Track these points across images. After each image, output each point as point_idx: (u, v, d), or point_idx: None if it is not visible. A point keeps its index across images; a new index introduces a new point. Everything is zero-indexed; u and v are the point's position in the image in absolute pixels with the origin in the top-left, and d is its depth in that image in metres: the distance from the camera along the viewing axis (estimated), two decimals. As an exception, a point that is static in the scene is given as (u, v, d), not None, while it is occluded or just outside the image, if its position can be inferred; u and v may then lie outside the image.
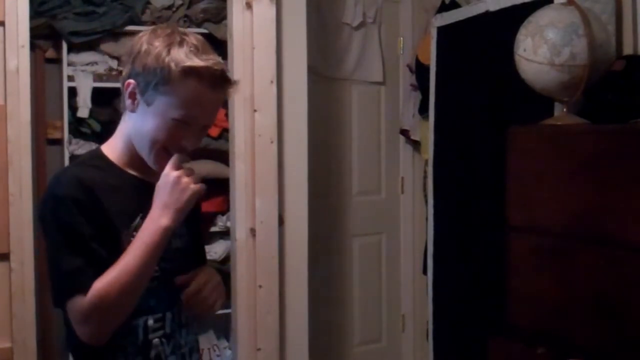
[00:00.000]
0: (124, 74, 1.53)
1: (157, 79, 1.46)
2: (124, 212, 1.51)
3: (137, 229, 1.49)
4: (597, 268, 2.03)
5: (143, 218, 1.50)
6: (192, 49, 1.47)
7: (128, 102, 1.52)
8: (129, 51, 1.52)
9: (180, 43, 1.47)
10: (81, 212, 1.43)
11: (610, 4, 2.44)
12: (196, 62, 1.45)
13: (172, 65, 1.44)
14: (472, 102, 3.13)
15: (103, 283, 1.41)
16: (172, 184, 1.46)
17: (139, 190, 1.55)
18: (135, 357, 1.53)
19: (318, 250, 3.50)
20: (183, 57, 1.45)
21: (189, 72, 1.44)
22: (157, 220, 1.45)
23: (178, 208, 1.46)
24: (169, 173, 1.47)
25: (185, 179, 1.46)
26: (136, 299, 1.45)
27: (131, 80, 1.50)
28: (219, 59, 1.52)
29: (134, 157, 1.56)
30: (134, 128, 1.53)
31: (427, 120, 3.50)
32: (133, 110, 1.52)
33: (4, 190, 2.76)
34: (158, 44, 1.47)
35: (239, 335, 3.06)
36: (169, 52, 1.45)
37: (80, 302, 1.41)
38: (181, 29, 1.54)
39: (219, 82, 1.49)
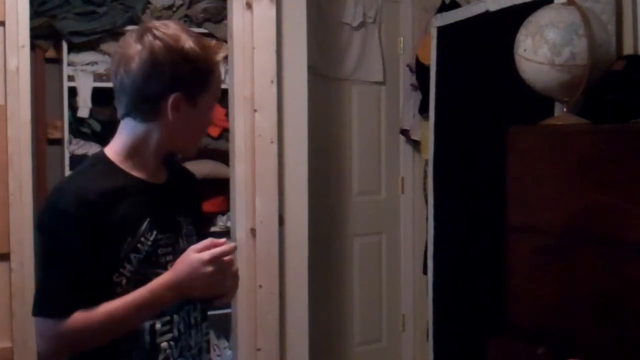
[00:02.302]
0: (151, 87, 1.46)
1: (204, 80, 1.49)
2: (130, 219, 1.49)
3: (144, 234, 1.49)
4: (597, 268, 2.03)
5: (150, 222, 1.50)
6: (200, 37, 1.52)
7: (172, 115, 1.47)
8: (147, 60, 1.45)
9: (198, 37, 1.51)
10: (79, 228, 1.42)
11: (610, 4, 2.44)
12: (219, 49, 1.52)
13: (210, 60, 1.49)
14: (472, 102, 3.13)
15: (84, 320, 1.41)
16: (197, 268, 1.45)
17: (145, 193, 1.54)
18: None
19: (318, 250, 3.49)
20: (214, 50, 1.51)
21: (219, 61, 1.52)
22: (163, 292, 1.45)
23: (185, 292, 1.47)
24: (200, 255, 1.46)
25: (209, 268, 1.45)
26: (107, 342, 1.46)
27: (178, 94, 1.46)
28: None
29: (140, 159, 1.54)
30: (171, 134, 1.51)
31: (427, 120, 3.50)
32: (170, 119, 1.48)
33: (4, 190, 2.76)
34: (188, 46, 1.46)
35: (239, 335, 3.06)
36: (201, 49, 1.48)
37: (51, 324, 1.42)
38: (169, 22, 1.54)
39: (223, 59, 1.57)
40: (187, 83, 1.47)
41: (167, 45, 1.45)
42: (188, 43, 1.46)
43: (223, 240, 1.51)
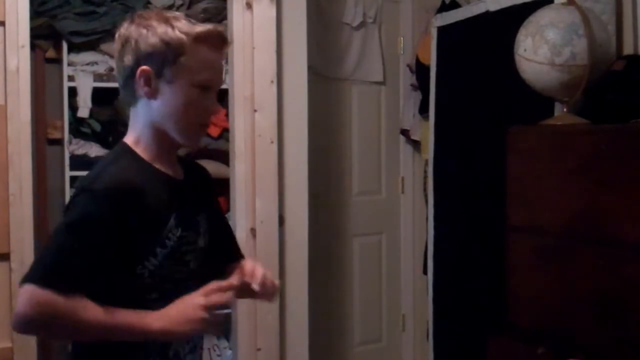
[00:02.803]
0: (125, 65, 1.51)
1: (173, 53, 1.48)
2: (159, 213, 1.50)
3: (171, 230, 1.51)
4: (597, 268, 2.03)
5: (176, 219, 1.52)
6: (188, 20, 1.53)
7: (144, 89, 1.51)
8: (123, 41, 1.51)
9: (175, 18, 1.52)
10: (108, 211, 1.42)
11: (610, 4, 2.44)
12: (201, 28, 1.51)
13: (183, 36, 1.49)
14: (472, 102, 3.13)
15: (77, 307, 1.37)
16: (190, 309, 1.45)
17: (169, 188, 1.55)
18: (155, 356, 1.53)
19: (318, 250, 3.49)
20: (188, 27, 1.50)
21: (199, 38, 1.50)
22: (154, 319, 1.43)
23: (174, 329, 1.44)
24: (198, 298, 1.46)
25: (201, 313, 1.44)
26: (81, 339, 1.48)
27: (145, 67, 1.49)
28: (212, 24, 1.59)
29: (160, 151, 1.56)
30: (161, 113, 1.52)
31: (427, 120, 3.50)
32: (152, 96, 1.51)
33: (4, 190, 2.76)
34: (156, 24, 1.50)
35: (239, 335, 3.06)
36: (173, 27, 1.49)
37: (48, 295, 1.35)
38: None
39: (222, 42, 1.56)
40: (155, 56, 1.48)
41: (138, 23, 1.51)
42: (157, 21, 1.50)
43: (229, 283, 1.52)
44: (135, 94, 1.53)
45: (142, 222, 1.46)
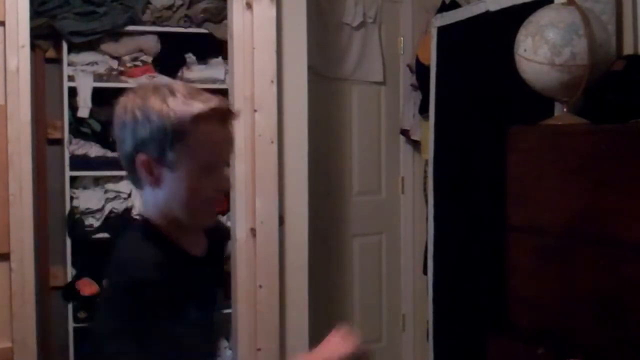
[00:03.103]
0: (125, 151, 1.40)
1: (172, 138, 1.36)
2: (179, 301, 1.39)
3: (196, 323, 1.43)
4: (597, 268, 2.03)
5: (196, 307, 1.43)
6: (186, 95, 1.39)
7: (147, 178, 1.40)
8: (121, 126, 1.40)
9: (172, 93, 1.38)
10: (153, 299, 1.32)
11: (610, 4, 2.44)
12: (201, 106, 1.37)
13: (179, 118, 1.36)
14: (472, 102, 3.13)
15: None
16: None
17: (190, 269, 1.46)
18: None
19: (318, 250, 3.49)
20: (187, 106, 1.36)
21: (200, 117, 1.36)
22: None
23: None
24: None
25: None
26: None
27: (141, 155, 1.38)
28: (214, 96, 1.44)
29: (177, 228, 1.45)
30: (167, 201, 1.42)
31: (427, 120, 3.50)
32: (156, 185, 1.40)
33: (4, 190, 2.76)
34: (152, 104, 1.37)
35: (239, 335, 3.06)
36: (168, 106, 1.36)
37: None
38: (159, 81, 1.46)
39: (227, 117, 1.43)
40: (153, 142, 1.37)
41: (133, 104, 1.40)
42: (153, 100, 1.37)
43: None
44: (140, 181, 1.43)
45: (164, 313, 1.34)
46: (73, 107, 3.51)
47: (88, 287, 3.46)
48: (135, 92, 1.41)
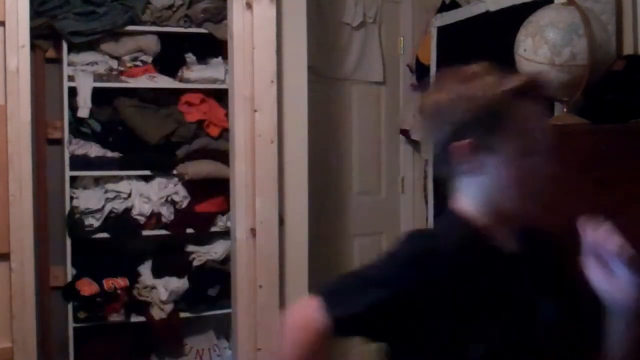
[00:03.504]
0: (438, 138, 1.35)
1: (493, 119, 1.28)
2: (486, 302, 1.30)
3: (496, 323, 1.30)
4: (597, 268, 2.03)
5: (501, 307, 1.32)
6: (495, 74, 1.33)
7: (464, 166, 1.33)
8: (432, 112, 1.35)
9: (476, 75, 1.32)
10: (446, 277, 1.27)
11: (610, 4, 2.44)
12: (517, 81, 1.31)
13: (501, 95, 1.28)
14: (472, 102, 3.12)
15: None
16: None
17: (505, 267, 1.36)
18: None
19: (318, 250, 3.49)
20: (502, 83, 1.30)
21: (520, 92, 1.30)
22: None
23: None
24: None
25: None
26: None
27: (461, 141, 1.30)
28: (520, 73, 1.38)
29: (495, 224, 1.36)
30: (488, 190, 1.33)
31: (427, 120, 3.50)
32: (475, 172, 1.33)
33: (4, 190, 2.76)
34: (464, 87, 1.30)
35: (239, 335, 3.06)
36: (483, 86, 1.30)
37: (315, 314, 1.31)
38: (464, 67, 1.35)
39: (542, 92, 1.38)
40: (472, 126, 1.29)
41: (441, 89, 1.35)
42: (463, 83, 1.31)
43: None
44: (455, 169, 1.37)
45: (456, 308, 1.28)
46: (73, 107, 3.50)
47: (88, 287, 3.46)
48: (439, 81, 1.38)
